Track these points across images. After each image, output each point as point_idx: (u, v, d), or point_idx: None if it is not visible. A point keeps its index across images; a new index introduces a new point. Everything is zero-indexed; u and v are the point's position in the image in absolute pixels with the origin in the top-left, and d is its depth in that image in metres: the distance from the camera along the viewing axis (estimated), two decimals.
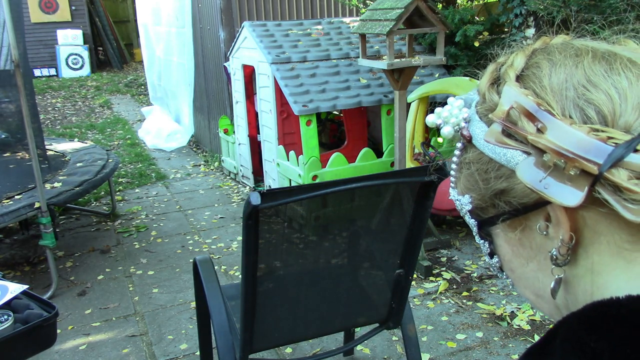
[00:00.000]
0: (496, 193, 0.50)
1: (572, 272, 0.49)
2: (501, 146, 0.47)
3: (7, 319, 1.60)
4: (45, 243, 3.21)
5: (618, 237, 0.45)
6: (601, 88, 0.44)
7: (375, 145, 4.31)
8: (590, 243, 0.47)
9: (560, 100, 0.45)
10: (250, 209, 1.44)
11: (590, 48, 0.48)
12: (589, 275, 0.48)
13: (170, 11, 6.45)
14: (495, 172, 0.49)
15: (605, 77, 0.45)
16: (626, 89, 0.44)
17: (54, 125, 8.00)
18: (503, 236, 0.54)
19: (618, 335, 0.42)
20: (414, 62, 3.37)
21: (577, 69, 0.46)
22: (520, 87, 0.47)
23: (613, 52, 0.47)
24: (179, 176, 5.62)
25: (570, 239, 0.46)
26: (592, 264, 0.47)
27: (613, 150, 0.41)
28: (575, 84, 0.45)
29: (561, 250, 0.47)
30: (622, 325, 0.42)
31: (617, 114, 0.43)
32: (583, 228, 0.46)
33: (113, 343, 2.81)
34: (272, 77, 4.04)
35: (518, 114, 0.46)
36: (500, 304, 2.98)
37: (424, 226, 1.81)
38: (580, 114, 0.44)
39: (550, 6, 3.11)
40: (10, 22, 2.85)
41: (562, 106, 0.45)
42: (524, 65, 0.49)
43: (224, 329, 1.88)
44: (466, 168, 0.53)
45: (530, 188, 0.45)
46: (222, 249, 3.87)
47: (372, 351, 2.66)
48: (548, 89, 0.46)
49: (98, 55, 12.87)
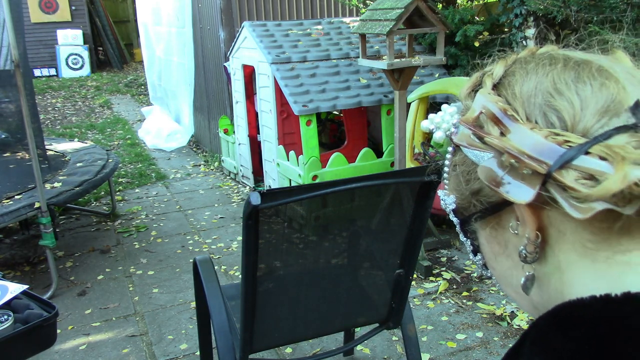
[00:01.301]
0: (473, 192, 0.53)
1: (542, 270, 0.51)
2: (469, 148, 0.51)
3: (7, 319, 1.60)
4: (45, 243, 3.21)
5: (581, 236, 0.47)
6: (565, 95, 0.47)
7: (375, 145, 4.31)
8: (556, 242, 0.49)
9: (527, 106, 0.48)
10: (250, 209, 1.44)
11: (565, 57, 0.51)
12: (558, 273, 0.50)
13: (170, 11, 6.45)
14: (475, 173, 0.52)
15: (570, 85, 0.48)
16: (588, 96, 0.47)
17: (54, 125, 8.00)
18: (483, 234, 0.57)
19: (582, 336, 0.44)
20: (414, 62, 3.37)
21: (547, 77, 0.49)
22: (493, 94, 0.50)
23: (585, 61, 0.50)
24: (179, 176, 5.62)
25: (536, 237, 0.49)
26: (560, 262, 0.50)
27: (564, 153, 0.44)
28: (543, 91, 0.48)
29: (528, 248, 0.50)
30: (586, 326, 0.44)
31: (577, 120, 0.46)
32: (549, 227, 0.49)
33: (113, 343, 2.81)
34: (272, 77, 4.04)
35: (486, 119, 0.49)
36: (500, 304, 2.98)
37: (424, 226, 1.81)
38: (544, 120, 0.47)
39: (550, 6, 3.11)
40: (10, 22, 2.85)
41: (529, 112, 0.48)
42: (502, 74, 0.52)
43: (224, 329, 1.88)
44: (453, 170, 0.56)
45: (488, 185, 0.49)
46: (222, 249, 3.87)
47: (372, 351, 2.66)
48: (518, 96, 0.49)
49: (98, 55, 12.87)
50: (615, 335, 0.43)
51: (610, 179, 0.42)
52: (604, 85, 0.48)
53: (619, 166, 0.42)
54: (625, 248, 0.46)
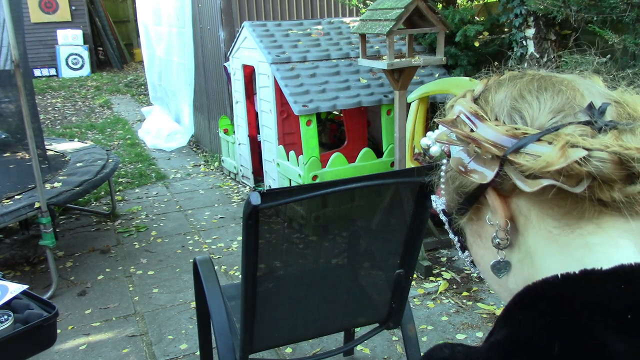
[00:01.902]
0: (455, 188, 0.61)
1: (516, 257, 0.58)
2: (445, 143, 0.60)
3: (7, 319, 1.60)
4: (45, 243, 3.21)
5: (545, 222, 0.54)
6: (527, 99, 0.56)
7: (375, 145, 4.31)
8: (524, 229, 0.56)
9: (497, 110, 0.57)
10: (250, 209, 1.44)
11: (534, 73, 0.60)
12: (529, 259, 0.56)
13: (170, 11, 6.45)
14: (458, 176, 0.60)
15: (532, 92, 0.57)
16: (547, 99, 0.55)
17: (54, 125, 8.00)
18: (468, 230, 0.64)
19: (542, 309, 0.50)
20: (414, 62, 3.37)
21: (515, 87, 0.58)
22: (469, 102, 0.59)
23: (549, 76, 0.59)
24: (179, 176, 5.62)
25: (506, 224, 0.56)
26: (529, 248, 0.56)
27: (518, 141, 0.52)
28: (510, 98, 0.57)
29: (499, 234, 0.57)
30: (546, 300, 0.50)
31: (535, 118, 0.54)
32: (518, 215, 0.56)
33: (113, 343, 2.81)
34: (272, 77, 4.04)
35: (460, 120, 0.58)
36: (500, 304, 2.98)
37: (424, 226, 1.81)
38: (509, 120, 0.56)
39: (550, 6, 3.11)
40: (10, 22, 2.85)
41: (497, 114, 0.57)
42: (482, 90, 0.61)
43: (224, 329, 1.88)
44: (445, 176, 0.64)
45: (457, 170, 0.57)
46: (222, 249, 3.87)
47: (372, 351, 2.66)
48: (490, 103, 0.59)
49: (98, 55, 12.87)
50: (571, 306, 0.48)
51: (548, 153, 0.49)
52: (561, 91, 0.56)
53: (559, 145, 0.49)
54: (584, 231, 0.53)
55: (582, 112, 0.53)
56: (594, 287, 0.49)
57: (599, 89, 0.57)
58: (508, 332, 0.51)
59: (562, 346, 0.47)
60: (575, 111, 0.54)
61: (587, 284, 0.49)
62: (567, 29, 3.59)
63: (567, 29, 3.59)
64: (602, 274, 0.49)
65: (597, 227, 0.52)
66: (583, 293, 0.49)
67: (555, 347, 0.47)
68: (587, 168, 0.49)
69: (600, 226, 0.52)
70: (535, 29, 3.63)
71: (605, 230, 0.52)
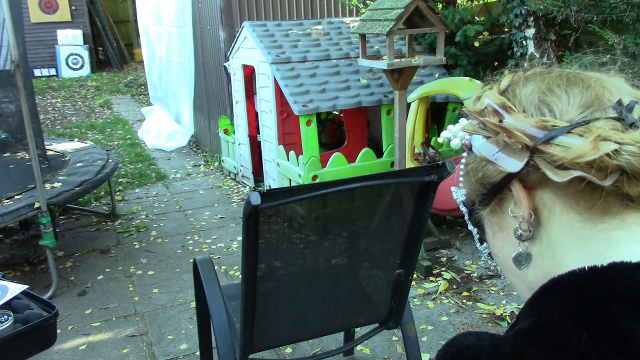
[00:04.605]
0: (478, 179, 0.62)
1: (537, 249, 0.58)
2: (472, 132, 0.60)
3: (7, 319, 1.60)
4: (45, 243, 3.21)
5: (570, 216, 0.55)
6: (556, 93, 0.57)
7: (375, 145, 4.31)
8: (547, 222, 0.56)
9: (525, 103, 0.58)
10: (250, 209, 1.44)
11: (561, 70, 0.61)
12: (551, 252, 0.57)
13: (170, 11, 6.45)
14: (482, 166, 0.61)
15: (561, 86, 0.57)
16: (576, 94, 0.56)
17: (54, 125, 8.00)
18: (487, 221, 0.64)
19: (570, 297, 0.50)
20: (414, 62, 3.37)
21: (543, 82, 0.59)
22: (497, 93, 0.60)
23: (577, 73, 0.60)
24: (179, 176, 5.62)
25: (529, 215, 0.56)
26: (552, 241, 0.56)
27: (549, 132, 0.53)
28: (538, 92, 0.58)
29: (522, 226, 0.57)
30: (574, 290, 0.51)
31: (564, 111, 0.55)
32: (541, 208, 0.56)
33: (113, 343, 2.81)
34: (272, 77, 4.04)
35: (489, 111, 0.59)
36: (500, 304, 2.98)
37: (424, 226, 1.81)
38: (538, 112, 0.56)
39: (550, 6, 3.11)
40: (10, 22, 2.85)
41: (525, 107, 0.57)
42: (508, 84, 0.62)
43: (224, 329, 1.88)
44: (465, 168, 0.65)
45: (485, 159, 0.57)
46: (222, 249, 3.87)
47: (372, 351, 2.66)
48: (517, 96, 0.59)
49: (98, 55, 12.87)
50: (600, 297, 0.49)
51: (580, 145, 0.50)
52: (590, 87, 0.56)
53: (591, 137, 0.50)
54: (607, 226, 0.53)
55: (611, 108, 0.54)
56: (623, 279, 0.49)
57: (625, 87, 0.58)
58: (535, 320, 0.51)
59: (590, 335, 0.47)
60: (605, 107, 0.54)
61: (616, 275, 0.49)
62: (567, 29, 3.59)
63: (567, 29, 3.59)
64: (631, 266, 0.50)
65: (620, 222, 0.53)
66: (611, 284, 0.49)
67: (583, 336, 0.47)
68: (617, 161, 0.49)
69: (624, 221, 0.53)
70: (535, 29, 3.63)
71: (629, 225, 0.53)
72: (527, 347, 0.49)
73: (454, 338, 0.54)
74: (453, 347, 0.53)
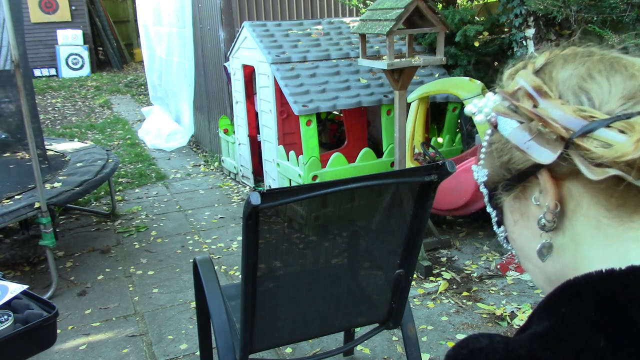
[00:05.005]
0: (502, 163, 0.58)
1: (559, 240, 0.56)
2: (504, 116, 0.56)
3: (7, 319, 1.60)
4: (45, 243, 3.21)
5: (597, 211, 0.52)
6: (596, 80, 0.53)
7: (375, 145, 4.31)
8: (573, 214, 0.54)
9: (561, 88, 0.54)
10: (250, 209, 1.44)
11: (602, 53, 0.57)
12: (573, 245, 0.55)
13: (170, 11, 6.45)
14: (508, 149, 0.57)
15: (602, 72, 0.53)
16: (618, 82, 0.52)
17: (54, 125, 8.00)
18: (507, 206, 0.61)
19: (587, 301, 0.49)
20: (414, 62, 3.37)
21: (583, 65, 0.55)
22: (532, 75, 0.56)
23: (619, 57, 0.56)
24: (179, 176, 5.62)
25: (555, 206, 0.54)
26: (576, 234, 0.54)
27: (587, 124, 0.49)
28: (577, 76, 0.54)
29: (547, 217, 0.55)
30: (591, 293, 0.49)
31: (604, 101, 0.51)
32: (568, 199, 0.54)
33: (113, 343, 2.81)
34: (272, 77, 4.04)
35: (522, 94, 0.55)
36: (500, 304, 2.98)
37: (424, 226, 1.81)
38: (575, 99, 0.53)
39: (550, 6, 3.11)
40: (10, 22, 2.85)
41: (562, 92, 0.54)
42: (543, 63, 0.58)
43: (224, 329, 1.88)
44: (489, 148, 0.62)
45: (516, 146, 0.54)
46: (222, 249, 3.87)
47: (372, 351, 2.66)
48: (554, 79, 0.55)
49: (98, 55, 12.86)
50: (618, 301, 0.47)
51: (623, 143, 0.47)
52: (633, 76, 0.53)
53: (634, 135, 0.47)
54: (636, 225, 0.51)
55: None
56: None
57: None
58: (551, 324, 0.50)
59: (608, 340, 0.46)
60: None
61: (635, 279, 0.48)
62: (567, 29, 3.59)
63: (567, 29, 3.59)
64: None
65: None
66: (630, 288, 0.48)
67: (601, 340, 0.46)
68: None
69: None
70: (535, 29, 3.62)
71: None
72: (543, 351, 0.48)
73: (465, 339, 0.52)
74: (464, 348, 0.51)
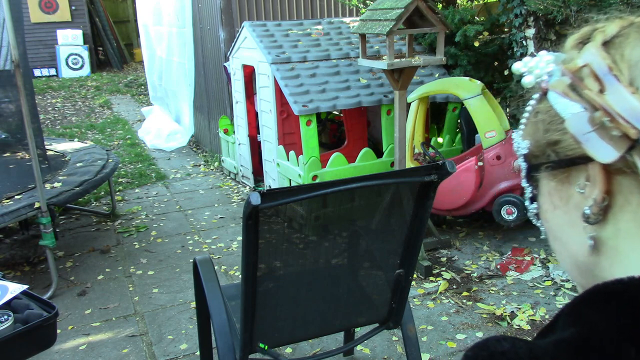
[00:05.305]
0: (550, 142, 0.53)
1: (600, 233, 0.51)
2: (563, 96, 0.50)
3: (7, 319, 1.60)
4: (45, 243, 3.21)
5: None
6: None
7: (375, 145, 4.31)
8: (620, 210, 0.50)
9: (634, 71, 0.47)
10: (250, 209, 1.44)
11: None
12: (614, 241, 0.51)
13: (170, 11, 6.45)
14: (557, 125, 0.52)
15: None
16: None
17: (54, 125, 8.00)
18: (546, 185, 0.57)
19: (615, 309, 0.45)
20: (414, 62, 3.37)
21: None
22: (602, 50, 0.49)
23: None
24: (179, 176, 5.62)
25: (603, 200, 0.49)
26: (619, 230, 0.50)
27: None
28: None
29: (593, 209, 0.50)
30: (620, 301, 0.46)
31: None
32: (617, 193, 0.49)
33: (113, 343, 2.81)
34: (272, 77, 4.04)
35: (588, 72, 0.49)
36: (500, 304, 2.98)
37: (424, 226, 1.81)
38: None
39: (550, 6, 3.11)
40: (10, 22, 2.85)
41: (633, 77, 0.47)
42: (614, 34, 0.51)
43: (224, 329, 1.88)
44: (534, 117, 0.56)
45: (573, 137, 0.49)
46: (222, 249, 3.87)
47: (372, 351, 2.66)
48: (626, 58, 0.48)
49: (98, 55, 12.86)
50: None
51: None
52: None
53: None
54: None
55: None
56: None
57: None
58: (577, 331, 0.47)
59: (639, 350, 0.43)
60: None
61: None
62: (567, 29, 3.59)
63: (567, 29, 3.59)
64: None
65: None
66: None
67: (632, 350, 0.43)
68: None
69: None
70: (535, 29, 3.62)
71: None
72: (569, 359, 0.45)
73: (485, 341, 0.49)
74: (485, 350, 0.48)
